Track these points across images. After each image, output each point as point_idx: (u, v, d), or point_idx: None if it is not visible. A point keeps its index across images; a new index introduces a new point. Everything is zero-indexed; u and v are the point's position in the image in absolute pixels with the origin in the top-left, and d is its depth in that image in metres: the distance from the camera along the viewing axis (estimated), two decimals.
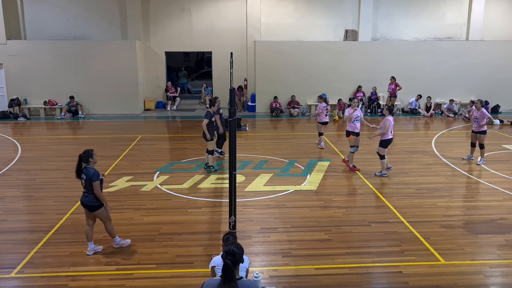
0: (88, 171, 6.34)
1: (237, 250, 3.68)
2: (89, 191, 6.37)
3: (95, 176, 6.31)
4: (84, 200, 6.46)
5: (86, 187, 6.38)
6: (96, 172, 6.37)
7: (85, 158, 6.38)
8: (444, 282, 5.90)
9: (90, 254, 6.60)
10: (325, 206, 8.50)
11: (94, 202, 6.42)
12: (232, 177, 6.34)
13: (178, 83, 22.18)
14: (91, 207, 6.45)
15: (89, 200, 6.41)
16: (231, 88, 6.19)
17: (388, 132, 10.07)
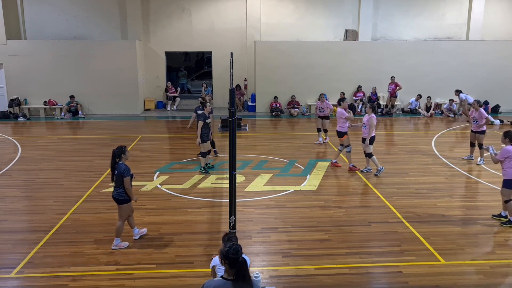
0: (120, 167, 6.64)
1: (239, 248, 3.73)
2: (119, 186, 6.65)
3: (126, 172, 6.62)
4: (114, 194, 6.76)
5: (116, 182, 6.65)
6: (127, 168, 6.67)
7: (118, 154, 6.74)
8: (444, 282, 5.91)
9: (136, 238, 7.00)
10: (325, 206, 8.50)
11: (123, 197, 6.72)
12: (232, 177, 6.34)
13: (178, 83, 22.19)
14: (119, 201, 6.74)
15: (118, 194, 6.71)
16: (231, 88, 6.19)
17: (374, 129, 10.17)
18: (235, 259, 3.62)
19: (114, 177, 6.69)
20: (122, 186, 6.65)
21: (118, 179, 6.65)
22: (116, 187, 6.70)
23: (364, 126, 10.29)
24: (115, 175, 6.68)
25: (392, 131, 16.09)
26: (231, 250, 3.66)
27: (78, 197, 8.94)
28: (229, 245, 3.71)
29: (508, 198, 7.51)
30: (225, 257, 3.67)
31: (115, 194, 6.76)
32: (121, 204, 6.77)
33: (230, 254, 3.65)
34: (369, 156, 10.34)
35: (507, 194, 7.51)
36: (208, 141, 10.56)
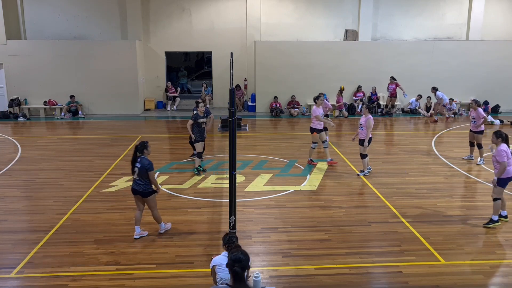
0: (144, 161, 6.90)
1: (243, 257, 3.62)
2: (144, 179, 6.90)
3: (151, 166, 6.91)
4: (137, 187, 6.98)
5: (140, 175, 6.89)
6: (151, 162, 6.96)
7: (141, 149, 6.97)
8: (444, 282, 5.91)
9: (136, 238, 7.10)
10: (325, 206, 8.50)
11: (148, 189, 6.99)
12: (232, 177, 6.33)
13: (178, 83, 22.18)
14: (145, 193, 7.00)
15: (143, 187, 6.96)
16: (231, 88, 6.19)
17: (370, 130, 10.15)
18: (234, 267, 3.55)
19: (136, 170, 6.90)
20: (147, 180, 6.91)
21: (142, 173, 6.90)
22: (140, 181, 6.94)
23: (361, 127, 10.22)
24: (137, 169, 6.90)
25: (392, 131, 16.09)
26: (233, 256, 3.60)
27: (78, 197, 8.94)
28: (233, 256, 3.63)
29: (498, 196, 7.44)
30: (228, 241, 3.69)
31: (140, 188, 6.98)
32: (147, 197, 7.04)
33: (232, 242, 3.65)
34: (363, 157, 10.32)
35: (498, 191, 7.42)
36: (202, 141, 10.49)
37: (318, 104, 11.16)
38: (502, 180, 7.33)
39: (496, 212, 7.51)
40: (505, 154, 7.18)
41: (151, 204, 7.15)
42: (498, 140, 7.45)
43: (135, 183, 7.04)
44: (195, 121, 10.28)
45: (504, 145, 7.33)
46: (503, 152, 7.20)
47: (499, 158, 7.22)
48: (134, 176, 7.00)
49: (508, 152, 7.24)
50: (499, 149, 7.28)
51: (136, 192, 7.08)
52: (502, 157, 7.17)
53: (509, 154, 7.23)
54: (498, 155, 7.24)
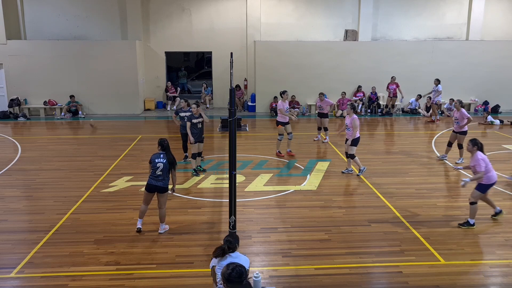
0: (170, 156, 7.10)
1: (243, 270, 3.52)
2: (167, 176, 7.08)
3: (176, 162, 7.21)
4: (158, 183, 7.07)
5: (164, 171, 7.04)
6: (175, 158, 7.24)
7: (167, 146, 7.16)
8: (444, 282, 5.91)
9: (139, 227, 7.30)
10: (325, 206, 8.50)
11: (167, 185, 7.15)
12: (232, 177, 6.33)
13: (178, 83, 22.18)
14: (164, 189, 7.13)
15: (164, 183, 7.10)
16: (231, 88, 6.19)
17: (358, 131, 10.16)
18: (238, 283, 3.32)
19: (161, 166, 7.02)
20: (169, 175, 7.13)
21: (167, 169, 7.07)
22: (162, 178, 7.07)
23: (347, 128, 10.19)
24: (162, 164, 7.02)
25: (392, 131, 16.08)
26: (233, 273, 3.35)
27: (78, 197, 8.94)
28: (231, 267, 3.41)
29: (475, 200, 7.36)
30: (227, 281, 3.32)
31: (161, 184, 7.07)
32: (164, 193, 7.19)
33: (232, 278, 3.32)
34: (351, 157, 10.30)
35: (476, 196, 7.36)
36: (200, 142, 10.46)
37: (284, 99, 11.76)
38: (483, 186, 7.28)
39: (473, 215, 7.43)
40: (483, 163, 7.12)
41: (163, 200, 7.25)
42: (474, 148, 7.33)
43: (154, 179, 7.08)
44: (191, 122, 10.27)
45: (480, 153, 7.22)
46: (481, 161, 7.12)
47: (478, 168, 7.14)
48: (157, 172, 7.04)
49: (486, 160, 7.16)
50: (476, 158, 7.17)
51: (154, 189, 7.12)
52: (481, 167, 7.11)
53: (487, 162, 7.16)
54: (477, 164, 7.15)
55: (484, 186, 7.29)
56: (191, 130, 10.22)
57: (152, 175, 7.10)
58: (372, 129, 15.91)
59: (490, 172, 7.23)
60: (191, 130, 10.22)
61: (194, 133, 10.24)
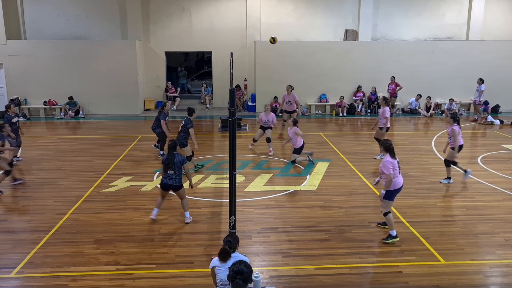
0: (179, 156, 7.48)
1: (246, 269, 3.60)
2: (179, 174, 7.47)
3: (185, 159, 7.63)
4: (172, 182, 7.48)
5: (176, 170, 7.44)
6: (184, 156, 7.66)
7: (175, 146, 7.55)
8: (444, 282, 5.91)
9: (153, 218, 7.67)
10: (325, 206, 8.50)
11: (180, 182, 7.55)
12: (232, 177, 6.33)
13: (178, 83, 22.18)
14: (178, 187, 7.56)
15: (177, 181, 7.50)
16: (231, 88, 6.18)
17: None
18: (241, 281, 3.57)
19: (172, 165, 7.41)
20: (181, 173, 7.51)
21: (179, 167, 7.46)
22: (175, 176, 7.47)
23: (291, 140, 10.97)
24: (174, 164, 7.40)
25: (392, 131, 16.07)
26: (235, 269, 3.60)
27: (78, 197, 8.94)
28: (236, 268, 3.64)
29: (387, 210, 7.03)
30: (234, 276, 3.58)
31: (174, 182, 7.48)
32: (179, 190, 7.60)
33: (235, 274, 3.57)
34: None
35: (387, 205, 7.02)
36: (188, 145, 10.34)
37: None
38: (389, 193, 6.95)
39: (392, 226, 7.04)
40: (391, 165, 6.80)
41: (182, 194, 7.68)
42: (384, 151, 7.03)
43: (168, 179, 7.48)
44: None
45: (389, 156, 6.89)
46: (388, 163, 6.81)
47: (385, 170, 6.81)
48: (169, 172, 7.43)
49: (394, 164, 6.86)
50: (384, 161, 6.87)
51: (169, 187, 7.54)
52: (388, 169, 6.78)
53: (395, 166, 6.86)
54: (384, 167, 6.83)
55: (390, 192, 6.95)
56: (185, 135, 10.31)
57: (165, 175, 7.52)
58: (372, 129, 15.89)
59: (396, 177, 6.91)
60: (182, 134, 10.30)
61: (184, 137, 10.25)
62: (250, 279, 3.67)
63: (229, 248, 4.50)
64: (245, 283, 3.56)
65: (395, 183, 6.90)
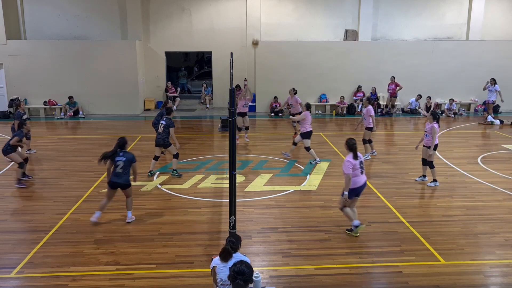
0: (128, 154, 7.52)
1: (246, 270, 3.60)
2: (127, 172, 7.47)
3: (134, 158, 7.60)
4: (119, 180, 7.47)
5: (124, 168, 7.44)
6: (134, 155, 7.63)
7: (123, 145, 7.54)
8: (444, 282, 5.91)
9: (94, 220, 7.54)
10: (325, 206, 8.50)
11: (128, 181, 7.57)
12: (232, 177, 6.32)
13: (178, 83, 22.18)
14: (126, 185, 7.57)
15: (125, 179, 7.51)
16: (231, 88, 6.18)
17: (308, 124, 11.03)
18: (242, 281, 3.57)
19: (121, 163, 7.40)
20: (129, 172, 7.52)
21: (127, 166, 7.46)
22: (123, 174, 7.45)
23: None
24: (122, 162, 7.41)
25: (392, 131, 16.09)
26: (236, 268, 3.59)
27: (78, 197, 8.94)
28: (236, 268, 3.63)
29: (344, 205, 7.13)
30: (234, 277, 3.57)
31: (122, 180, 7.47)
32: (127, 188, 7.63)
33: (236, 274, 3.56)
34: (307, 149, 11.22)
35: (345, 203, 7.11)
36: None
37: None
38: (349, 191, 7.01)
39: (351, 218, 7.16)
40: (351, 166, 6.85)
41: (129, 193, 7.70)
42: (347, 149, 7.08)
43: (116, 177, 7.45)
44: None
45: (350, 156, 6.94)
46: (348, 163, 6.86)
47: (345, 169, 6.88)
48: (117, 170, 7.40)
49: (355, 164, 6.89)
50: (345, 160, 6.96)
51: (117, 185, 7.51)
52: (347, 169, 6.85)
53: (356, 166, 6.89)
54: (344, 166, 6.91)
55: (351, 190, 6.99)
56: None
57: (115, 172, 7.46)
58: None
59: (356, 176, 6.95)
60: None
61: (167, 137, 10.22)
62: (251, 280, 3.67)
63: (231, 248, 4.50)
64: (246, 284, 3.56)
65: (355, 182, 6.97)
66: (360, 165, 6.98)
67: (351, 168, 6.87)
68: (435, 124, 9.44)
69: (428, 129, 9.49)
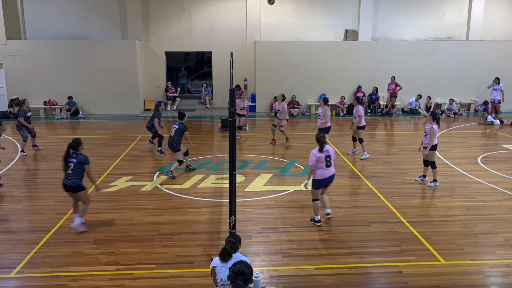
0: (80, 156, 7.25)
1: (246, 270, 3.59)
2: (77, 174, 7.19)
3: (87, 160, 7.26)
4: (67, 181, 7.24)
5: (75, 170, 7.21)
6: (87, 157, 7.29)
7: (75, 146, 7.31)
8: (444, 282, 5.91)
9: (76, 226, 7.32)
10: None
11: (78, 184, 7.26)
12: (232, 177, 6.33)
13: (178, 83, 22.18)
14: (75, 188, 7.25)
15: (74, 181, 7.22)
16: (231, 88, 6.18)
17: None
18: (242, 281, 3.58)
19: (72, 165, 7.23)
20: (81, 175, 7.24)
21: (78, 168, 7.21)
22: (73, 176, 7.21)
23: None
24: (73, 164, 7.22)
25: (392, 131, 16.09)
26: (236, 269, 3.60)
27: None
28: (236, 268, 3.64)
29: (316, 197, 7.60)
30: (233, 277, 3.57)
31: (70, 182, 7.21)
32: (77, 192, 7.27)
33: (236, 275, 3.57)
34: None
35: (313, 194, 7.62)
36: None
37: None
38: (314, 182, 7.50)
39: (316, 212, 7.65)
40: (315, 158, 7.30)
41: (83, 199, 7.39)
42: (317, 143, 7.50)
43: (66, 178, 7.27)
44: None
45: (316, 149, 7.36)
46: (312, 155, 7.33)
47: (309, 160, 7.39)
48: (68, 171, 7.23)
49: (319, 157, 7.30)
50: (311, 152, 7.39)
51: (67, 189, 7.30)
52: (311, 160, 7.34)
53: (320, 159, 7.30)
54: (310, 157, 7.40)
55: (315, 182, 7.49)
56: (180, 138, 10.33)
57: (66, 175, 7.30)
58: (372, 129, 15.90)
59: (321, 169, 7.38)
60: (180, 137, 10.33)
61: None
62: (250, 280, 3.67)
63: (231, 248, 4.50)
64: (246, 284, 3.57)
65: (320, 174, 7.40)
66: (326, 159, 7.37)
67: (314, 160, 7.33)
68: (435, 125, 9.42)
69: (428, 129, 9.48)
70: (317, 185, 7.51)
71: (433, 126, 9.40)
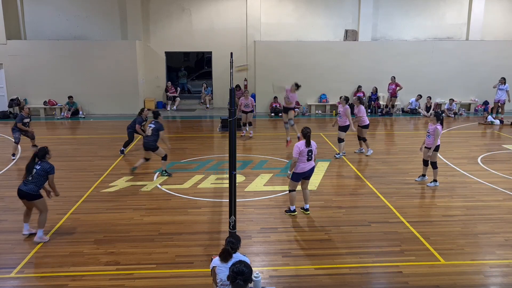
0: (44, 164, 6.94)
1: (246, 270, 3.61)
2: (36, 182, 6.84)
3: (52, 169, 6.96)
4: (23, 187, 6.84)
5: (36, 177, 6.85)
6: (52, 166, 7.00)
7: (42, 155, 6.99)
8: (444, 282, 5.91)
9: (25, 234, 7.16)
10: (325, 206, 8.50)
11: (34, 191, 6.87)
12: (232, 177, 6.33)
13: (178, 83, 22.19)
14: (31, 196, 6.86)
15: (30, 187, 6.82)
16: (231, 88, 6.18)
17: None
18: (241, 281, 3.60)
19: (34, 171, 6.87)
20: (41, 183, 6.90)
21: (41, 175, 6.87)
22: (30, 183, 6.83)
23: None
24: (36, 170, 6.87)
25: (392, 131, 16.09)
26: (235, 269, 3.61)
27: (78, 197, 8.94)
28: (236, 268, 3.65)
29: (292, 188, 7.92)
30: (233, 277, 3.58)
31: (26, 189, 6.82)
32: (33, 200, 6.90)
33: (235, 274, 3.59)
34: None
35: (292, 185, 7.91)
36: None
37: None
38: (294, 175, 7.78)
39: (291, 202, 8.00)
40: (298, 150, 7.57)
41: (40, 207, 6.99)
42: (301, 137, 7.76)
43: (23, 184, 6.87)
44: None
45: (301, 142, 7.62)
46: (296, 148, 7.59)
47: (293, 153, 7.64)
48: (28, 177, 6.85)
49: (303, 151, 7.56)
50: (295, 145, 7.65)
51: (22, 195, 6.88)
52: (294, 153, 7.60)
53: (303, 152, 7.57)
54: (293, 149, 7.65)
55: (295, 175, 7.75)
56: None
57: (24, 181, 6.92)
58: (372, 129, 15.90)
59: (302, 162, 7.63)
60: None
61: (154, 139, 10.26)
62: (250, 279, 3.68)
63: (231, 248, 4.50)
64: (246, 283, 3.57)
65: (299, 167, 7.67)
66: (308, 153, 7.64)
67: (298, 152, 7.59)
68: (439, 125, 9.41)
69: (431, 130, 9.48)
70: (297, 178, 7.80)
71: (437, 127, 9.39)
